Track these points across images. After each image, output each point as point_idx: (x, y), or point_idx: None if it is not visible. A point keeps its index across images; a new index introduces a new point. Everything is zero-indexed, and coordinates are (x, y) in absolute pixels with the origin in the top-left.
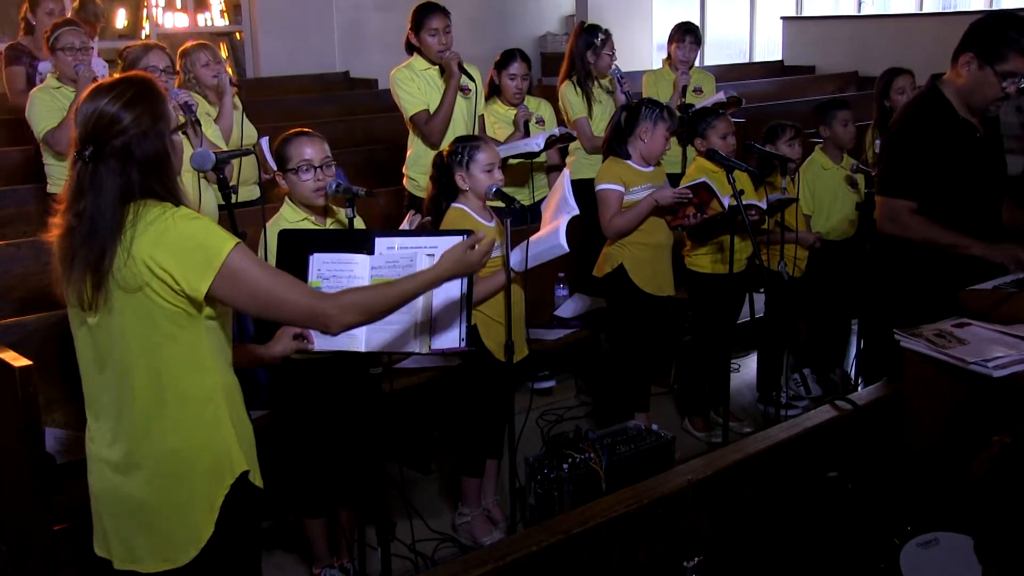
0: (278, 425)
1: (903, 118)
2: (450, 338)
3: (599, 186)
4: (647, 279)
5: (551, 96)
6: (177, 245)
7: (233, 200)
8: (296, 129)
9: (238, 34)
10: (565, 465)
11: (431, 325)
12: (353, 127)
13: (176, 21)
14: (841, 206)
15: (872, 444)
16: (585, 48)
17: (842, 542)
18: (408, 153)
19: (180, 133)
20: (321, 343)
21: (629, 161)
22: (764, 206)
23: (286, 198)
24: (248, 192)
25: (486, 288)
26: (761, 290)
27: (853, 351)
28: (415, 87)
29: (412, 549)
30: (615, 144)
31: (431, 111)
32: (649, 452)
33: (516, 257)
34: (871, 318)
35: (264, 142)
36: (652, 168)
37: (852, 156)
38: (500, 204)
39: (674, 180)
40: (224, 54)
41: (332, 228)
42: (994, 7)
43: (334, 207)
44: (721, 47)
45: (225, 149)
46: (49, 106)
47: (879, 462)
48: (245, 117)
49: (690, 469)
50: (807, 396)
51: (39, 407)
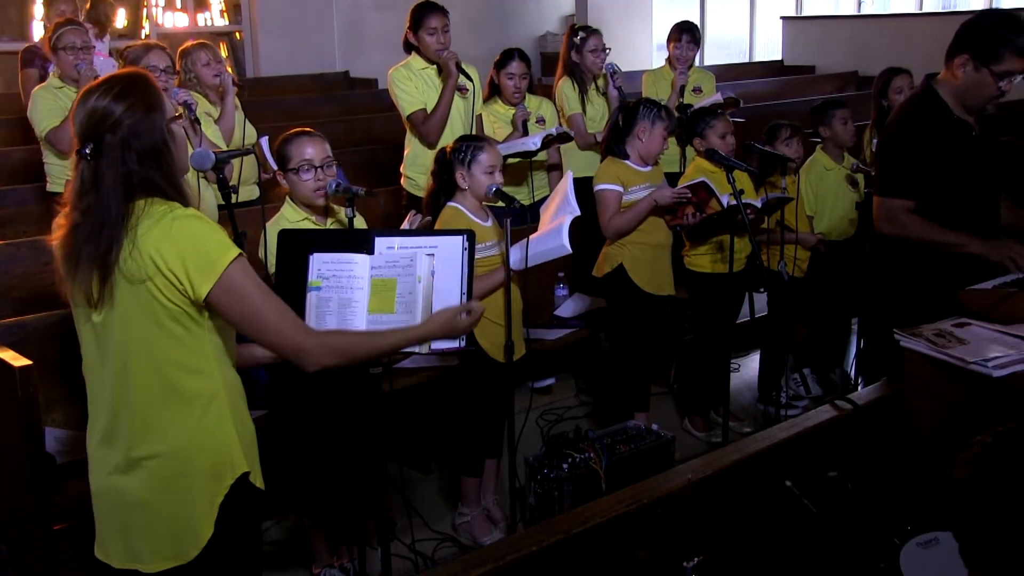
0: (278, 425)
1: (899, 118)
2: None
3: (598, 186)
4: (647, 279)
5: (551, 95)
6: (184, 243)
7: (233, 200)
8: (297, 129)
9: (238, 34)
10: (565, 465)
11: None
12: (353, 127)
13: (176, 21)
14: (841, 206)
15: (872, 444)
16: (570, 49)
17: (842, 542)
18: (406, 153)
19: (181, 129)
20: None
21: (627, 161)
22: (759, 204)
23: (287, 198)
24: (248, 192)
25: (484, 286)
26: (761, 290)
27: (853, 351)
28: (412, 86)
29: (412, 549)
30: (613, 144)
31: (428, 110)
32: (649, 452)
33: (515, 256)
34: (871, 318)
35: (264, 142)
36: (650, 168)
37: (851, 155)
38: (500, 204)
39: (672, 180)
40: (224, 54)
41: (332, 228)
42: (994, 7)
43: (334, 207)
44: (721, 47)
45: (225, 149)
46: (51, 105)
47: (879, 462)
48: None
49: (690, 469)
50: (807, 396)
51: (39, 407)
